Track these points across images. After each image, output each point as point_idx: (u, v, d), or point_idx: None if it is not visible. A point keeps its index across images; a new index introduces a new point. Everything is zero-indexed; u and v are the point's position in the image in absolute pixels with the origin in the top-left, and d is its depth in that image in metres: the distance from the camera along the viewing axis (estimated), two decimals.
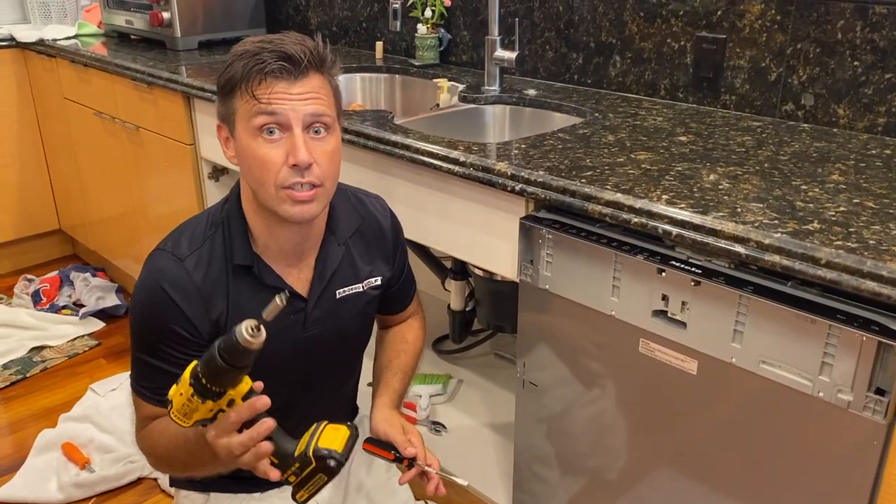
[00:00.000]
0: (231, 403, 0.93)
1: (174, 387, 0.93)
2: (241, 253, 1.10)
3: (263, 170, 1.02)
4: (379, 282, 1.25)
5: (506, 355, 2.16)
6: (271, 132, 1.01)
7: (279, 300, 0.85)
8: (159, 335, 1.08)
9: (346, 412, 1.40)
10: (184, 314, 1.07)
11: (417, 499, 1.39)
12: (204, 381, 0.89)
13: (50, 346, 2.59)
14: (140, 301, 1.10)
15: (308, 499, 1.00)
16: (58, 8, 3.00)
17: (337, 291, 1.19)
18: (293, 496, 1.00)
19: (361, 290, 1.22)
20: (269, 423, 0.94)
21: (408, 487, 1.37)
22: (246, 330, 0.85)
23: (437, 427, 1.86)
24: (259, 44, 1.02)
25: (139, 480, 1.96)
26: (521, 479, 1.48)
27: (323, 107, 1.03)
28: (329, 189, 1.07)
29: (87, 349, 2.58)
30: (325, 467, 0.96)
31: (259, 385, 0.96)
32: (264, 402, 0.93)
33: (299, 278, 1.15)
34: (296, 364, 1.18)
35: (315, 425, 1.00)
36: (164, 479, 1.94)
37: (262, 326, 0.86)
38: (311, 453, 0.96)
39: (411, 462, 1.16)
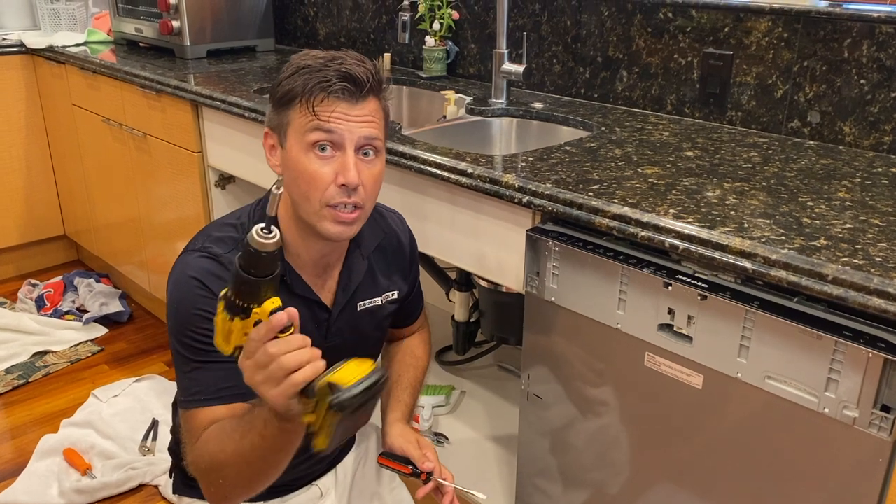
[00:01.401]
0: (258, 324, 0.89)
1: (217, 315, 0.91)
2: None
3: (311, 185, 1.02)
4: (396, 296, 1.26)
5: (509, 367, 2.16)
6: (323, 149, 1.02)
7: (274, 188, 0.85)
8: (195, 323, 1.04)
9: None
10: (217, 297, 1.05)
11: None
12: (231, 296, 0.88)
13: (53, 352, 2.59)
14: (172, 302, 1.07)
15: (328, 446, 0.89)
16: (68, 15, 3.02)
17: (358, 304, 1.20)
18: (313, 446, 0.90)
19: (380, 303, 1.24)
20: (291, 312, 0.87)
21: (409, 496, 1.37)
22: (257, 233, 0.84)
23: (439, 438, 1.86)
24: (322, 60, 1.02)
25: (140, 487, 1.96)
26: (523, 493, 1.47)
27: (376, 130, 1.05)
28: (368, 210, 1.08)
29: (89, 355, 2.59)
30: (332, 403, 0.86)
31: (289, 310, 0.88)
32: (281, 317, 0.86)
33: (324, 289, 1.16)
34: None
35: (342, 360, 0.91)
36: (165, 487, 1.93)
37: (272, 227, 0.85)
38: (317, 386, 0.88)
39: (428, 476, 1.16)
